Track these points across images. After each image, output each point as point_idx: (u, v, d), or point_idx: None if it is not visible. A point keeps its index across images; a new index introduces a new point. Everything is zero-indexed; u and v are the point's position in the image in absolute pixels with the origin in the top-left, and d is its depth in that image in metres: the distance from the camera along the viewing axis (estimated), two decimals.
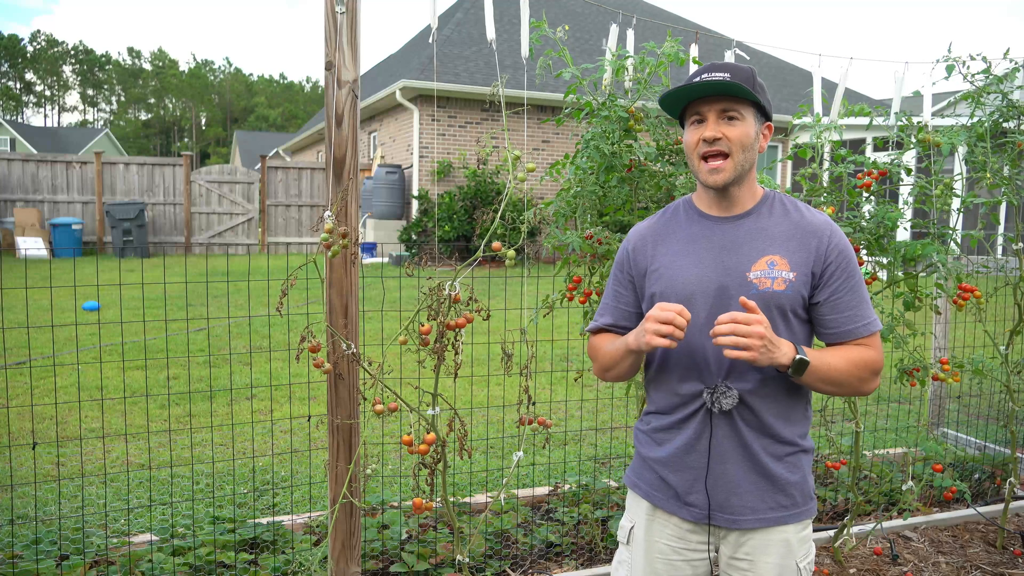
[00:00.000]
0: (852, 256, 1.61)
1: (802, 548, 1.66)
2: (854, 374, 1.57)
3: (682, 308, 1.50)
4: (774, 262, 1.58)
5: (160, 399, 5.08)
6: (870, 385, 1.61)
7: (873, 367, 1.59)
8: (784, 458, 1.63)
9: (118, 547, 2.85)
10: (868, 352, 1.59)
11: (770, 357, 1.48)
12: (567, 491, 3.49)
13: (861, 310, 1.60)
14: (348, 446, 2.27)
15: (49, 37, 77.91)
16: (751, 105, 1.60)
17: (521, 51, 2.57)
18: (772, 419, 1.61)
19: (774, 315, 1.57)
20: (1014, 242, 3.19)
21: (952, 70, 3.00)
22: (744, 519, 1.62)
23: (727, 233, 1.64)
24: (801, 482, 1.65)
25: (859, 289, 1.61)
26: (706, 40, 16.05)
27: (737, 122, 1.58)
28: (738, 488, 1.61)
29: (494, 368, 4.92)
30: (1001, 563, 3.23)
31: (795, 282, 1.57)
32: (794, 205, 1.67)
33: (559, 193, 2.74)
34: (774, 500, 1.62)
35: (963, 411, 4.89)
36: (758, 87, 1.62)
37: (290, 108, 77.35)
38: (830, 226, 1.62)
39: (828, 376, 1.55)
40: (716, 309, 1.59)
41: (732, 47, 3.14)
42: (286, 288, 2.05)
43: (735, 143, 1.58)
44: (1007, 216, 6.91)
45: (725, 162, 1.58)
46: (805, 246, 1.60)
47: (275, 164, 16.01)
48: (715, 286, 1.60)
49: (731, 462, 1.61)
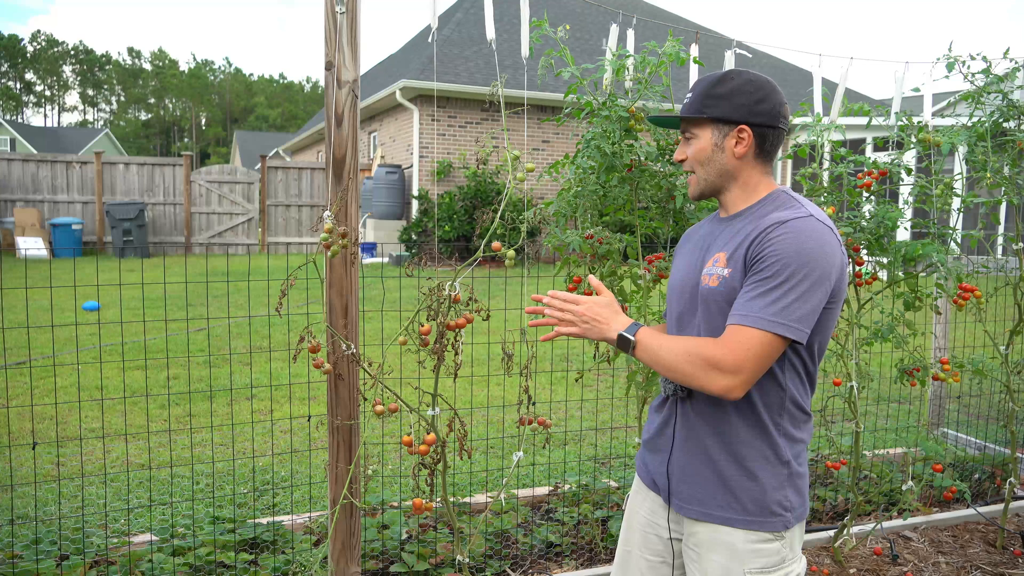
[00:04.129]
0: (783, 259, 1.49)
1: (754, 559, 1.60)
2: (684, 360, 1.52)
3: (567, 296, 1.65)
4: (718, 259, 1.63)
5: (160, 399, 5.08)
6: (711, 379, 1.50)
7: (709, 360, 1.50)
8: (741, 462, 1.60)
9: (118, 547, 2.85)
10: (710, 346, 1.52)
11: (599, 331, 1.61)
12: (567, 491, 3.49)
13: (748, 305, 1.50)
14: (348, 446, 2.27)
15: (49, 37, 77.97)
16: (708, 120, 1.66)
17: (521, 51, 2.57)
18: (719, 415, 1.61)
19: (711, 310, 1.60)
20: (1014, 242, 3.19)
21: (952, 68, 3.00)
22: (690, 508, 1.67)
23: (717, 234, 1.70)
24: (756, 492, 1.59)
25: (767, 290, 1.49)
26: (706, 40, 16.06)
27: (692, 141, 1.69)
28: (690, 478, 1.67)
29: (494, 368, 4.92)
30: (1001, 563, 3.23)
31: (728, 278, 1.58)
32: (783, 203, 1.62)
33: (559, 193, 2.74)
34: (723, 499, 1.61)
35: (963, 411, 4.89)
36: (713, 98, 1.63)
37: (290, 108, 77.36)
38: (779, 225, 1.52)
39: (656, 359, 1.56)
40: (685, 307, 1.70)
41: (732, 47, 3.14)
42: (286, 288, 2.05)
43: (692, 162, 1.70)
44: (1007, 216, 6.91)
45: (692, 178, 1.72)
46: (745, 241, 1.57)
47: (275, 164, 16.01)
48: (689, 285, 1.70)
49: (688, 452, 1.68)
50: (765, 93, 1.64)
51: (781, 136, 1.67)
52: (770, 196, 1.66)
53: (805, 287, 1.49)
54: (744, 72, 1.67)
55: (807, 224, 1.53)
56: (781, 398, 1.60)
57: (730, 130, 1.65)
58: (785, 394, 1.60)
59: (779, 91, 1.67)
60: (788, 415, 1.61)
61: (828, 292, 1.53)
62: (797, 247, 1.50)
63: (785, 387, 1.59)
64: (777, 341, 1.49)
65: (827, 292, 1.53)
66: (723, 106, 1.63)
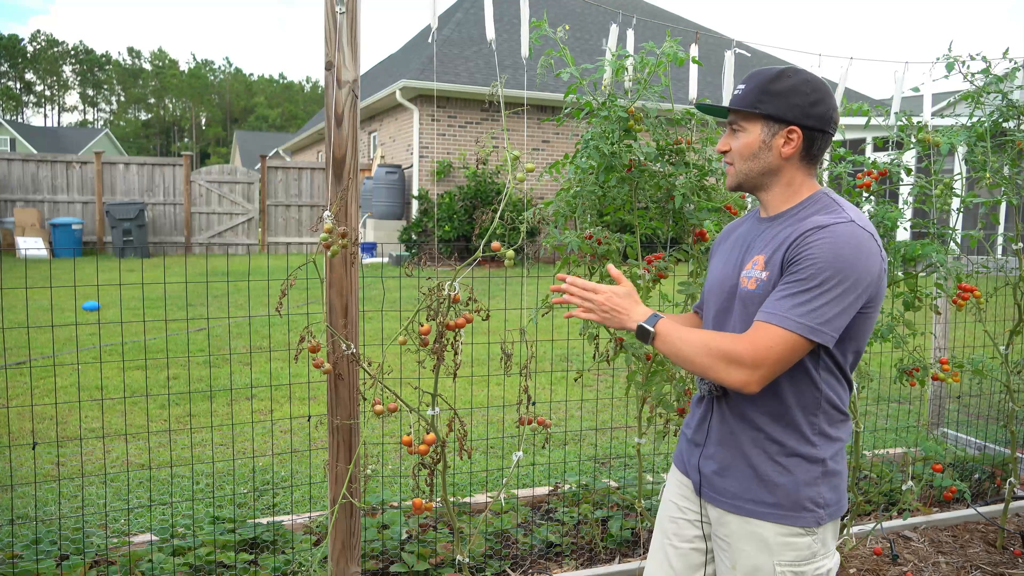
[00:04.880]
0: (819, 263, 1.49)
1: (784, 552, 1.62)
2: (704, 353, 1.53)
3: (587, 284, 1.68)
4: (756, 262, 1.64)
5: (160, 399, 5.08)
6: (729, 373, 1.52)
7: (728, 354, 1.51)
8: (774, 457, 1.62)
9: (118, 547, 2.85)
10: (730, 340, 1.53)
11: (619, 321, 1.64)
12: (567, 491, 3.49)
13: (777, 304, 1.52)
14: (348, 446, 2.27)
15: (49, 37, 77.96)
16: (759, 116, 1.64)
17: (521, 51, 2.57)
18: (756, 414, 1.63)
19: (750, 312, 1.61)
20: (1014, 242, 3.19)
21: (952, 68, 3.00)
22: (723, 500, 1.69)
23: (756, 235, 1.71)
24: (789, 487, 1.61)
25: (798, 292, 1.50)
26: (706, 40, 16.07)
27: (739, 134, 1.68)
28: (724, 471, 1.69)
29: (494, 368, 4.92)
30: (1001, 563, 3.23)
31: (766, 282, 1.59)
32: (825, 206, 1.62)
33: (559, 193, 2.74)
34: (755, 493, 1.64)
35: (963, 411, 4.89)
36: (768, 95, 1.62)
37: (290, 108, 77.36)
38: (819, 230, 1.53)
39: (675, 350, 1.58)
40: (722, 306, 1.71)
41: (732, 47, 3.14)
42: (286, 288, 2.05)
43: (735, 154, 1.69)
44: (1007, 216, 6.91)
45: (730, 168, 1.72)
46: (784, 245, 1.58)
47: (275, 164, 16.02)
48: (728, 284, 1.71)
49: (723, 446, 1.70)
50: (820, 96, 1.63)
51: (828, 141, 1.67)
52: (812, 198, 1.66)
53: (838, 292, 1.49)
54: (802, 71, 1.65)
55: (847, 229, 1.53)
56: (817, 398, 1.61)
57: (780, 129, 1.64)
58: (821, 395, 1.61)
59: (832, 95, 1.66)
60: (824, 415, 1.63)
61: (862, 298, 1.53)
62: (835, 252, 1.50)
63: (820, 388, 1.61)
64: (801, 342, 1.50)
65: (861, 298, 1.52)
66: (778, 104, 1.62)
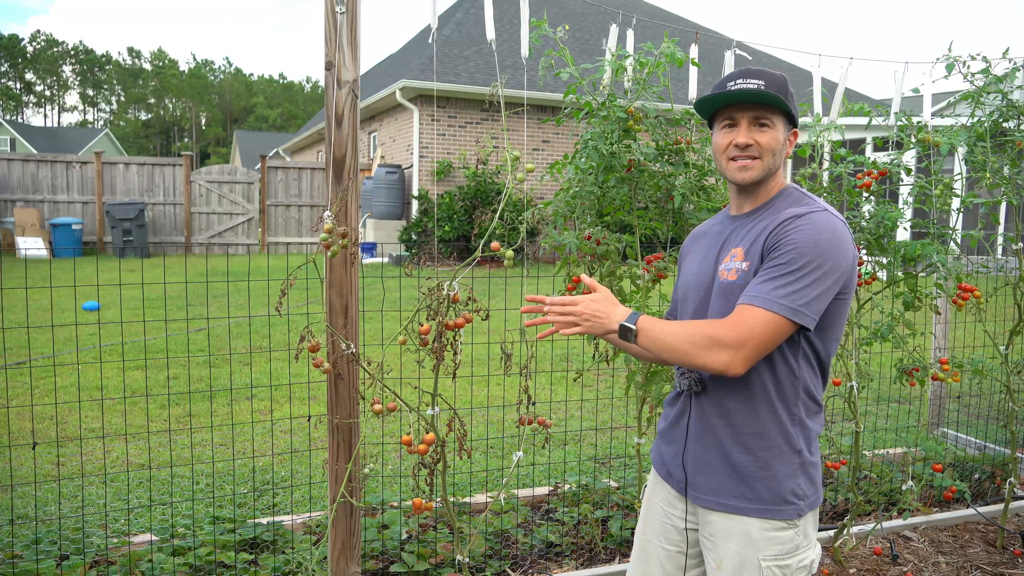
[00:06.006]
0: (798, 248, 1.54)
1: (769, 547, 1.63)
2: (687, 339, 1.54)
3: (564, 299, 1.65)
4: (735, 254, 1.67)
5: (160, 399, 5.08)
6: (712, 356, 1.52)
7: (711, 337, 1.53)
8: (752, 451, 1.64)
9: (118, 547, 2.85)
10: (712, 324, 1.56)
11: (601, 326, 1.61)
12: (567, 491, 3.49)
13: (759, 287, 1.54)
14: (348, 446, 2.27)
15: (49, 37, 77.95)
16: (781, 113, 1.68)
17: (521, 51, 2.57)
18: (732, 407, 1.65)
19: (731, 303, 1.63)
20: (1014, 242, 3.19)
21: (952, 68, 3.00)
22: (706, 498, 1.70)
23: (731, 231, 1.74)
24: (769, 480, 1.62)
25: (779, 275, 1.54)
26: (706, 40, 16.06)
27: (768, 129, 1.68)
28: (705, 468, 1.70)
29: (494, 368, 4.92)
30: (1001, 563, 3.23)
31: (746, 271, 1.63)
32: (798, 199, 1.69)
33: (558, 193, 2.74)
34: (737, 489, 1.65)
35: (963, 411, 4.89)
36: (789, 96, 1.68)
37: (290, 108, 77.34)
38: (797, 219, 1.58)
39: (659, 341, 1.57)
40: (700, 303, 1.73)
41: (732, 47, 3.14)
42: (286, 288, 2.05)
43: (765, 148, 1.67)
44: (1007, 216, 6.91)
45: (755, 162, 1.68)
46: (763, 235, 1.62)
47: (275, 164, 16.01)
48: (706, 280, 1.73)
49: (702, 442, 1.71)
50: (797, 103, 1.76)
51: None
52: (783, 192, 1.73)
53: (817, 275, 1.54)
54: None
55: (823, 217, 1.59)
56: (795, 387, 1.64)
57: (789, 130, 1.73)
58: (799, 383, 1.64)
59: None
60: (802, 404, 1.66)
61: (839, 283, 1.58)
62: (814, 238, 1.56)
63: (799, 376, 1.63)
64: (783, 323, 1.53)
65: (837, 283, 1.58)
66: (792, 106, 1.69)
